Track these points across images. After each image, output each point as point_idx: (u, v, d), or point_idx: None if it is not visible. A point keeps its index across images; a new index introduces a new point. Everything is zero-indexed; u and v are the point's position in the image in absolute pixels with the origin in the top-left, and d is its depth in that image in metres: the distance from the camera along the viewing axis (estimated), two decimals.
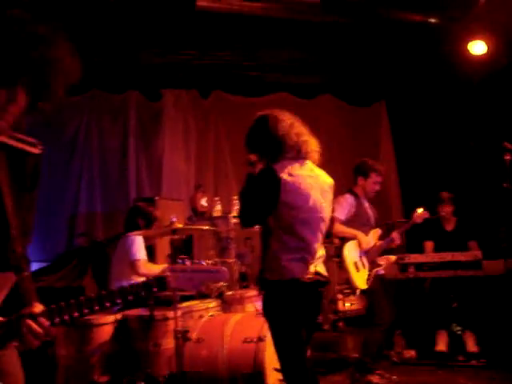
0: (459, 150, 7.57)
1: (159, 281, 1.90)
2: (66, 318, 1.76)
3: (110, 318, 4.07)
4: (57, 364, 4.03)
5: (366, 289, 4.81)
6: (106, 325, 4.03)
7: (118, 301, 1.85)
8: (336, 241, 7.34)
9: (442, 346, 5.65)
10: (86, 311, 1.78)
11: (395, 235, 4.99)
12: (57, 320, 1.75)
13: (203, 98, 8.18)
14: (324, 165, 8.28)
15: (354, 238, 4.88)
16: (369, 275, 4.82)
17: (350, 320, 7.04)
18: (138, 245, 4.78)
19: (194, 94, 8.14)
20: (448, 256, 5.61)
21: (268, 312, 3.02)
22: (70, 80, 1.80)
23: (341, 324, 7.11)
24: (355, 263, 4.82)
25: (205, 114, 8.15)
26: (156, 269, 4.74)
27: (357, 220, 4.96)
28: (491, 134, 7.00)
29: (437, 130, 7.82)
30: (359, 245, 4.87)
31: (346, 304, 7.10)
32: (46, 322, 1.72)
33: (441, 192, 6.09)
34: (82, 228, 7.22)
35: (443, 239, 6.02)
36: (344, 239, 4.90)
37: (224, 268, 1.98)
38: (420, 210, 5.13)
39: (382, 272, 5.02)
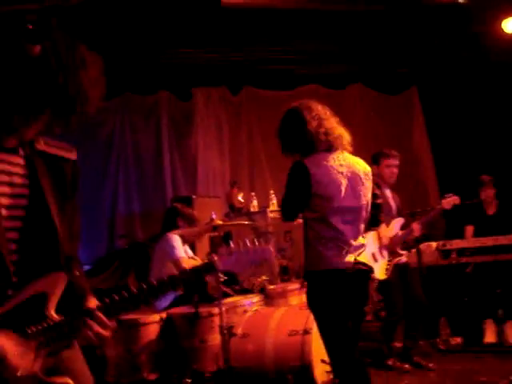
0: (495, 133, 7.43)
1: (207, 265, 1.94)
2: (122, 310, 1.79)
3: (156, 317, 4.13)
4: (106, 363, 4.10)
5: (383, 279, 4.77)
6: (152, 324, 4.10)
7: (171, 288, 1.87)
8: None
9: (490, 337, 5.54)
10: (140, 302, 1.81)
11: (415, 226, 4.88)
12: (113, 313, 1.78)
13: (233, 95, 8.20)
14: (357, 154, 8.23)
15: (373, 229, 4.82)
16: (388, 265, 4.72)
17: None
18: (176, 244, 4.83)
19: (224, 91, 8.17)
20: (490, 240, 5.51)
21: (311, 303, 3.04)
22: (95, 102, 1.80)
23: (383, 314, 7.08)
24: (373, 254, 4.70)
25: (236, 110, 8.18)
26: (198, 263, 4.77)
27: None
28: None
29: (470, 114, 7.69)
30: (378, 238, 4.81)
31: None
32: (103, 317, 1.75)
33: (481, 175, 5.97)
34: (121, 229, 7.31)
35: (485, 223, 5.90)
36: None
37: (269, 246, 2.00)
38: (448, 196, 5.02)
39: (405, 260, 4.94)
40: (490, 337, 5.54)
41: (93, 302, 1.83)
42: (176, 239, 4.87)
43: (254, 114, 8.20)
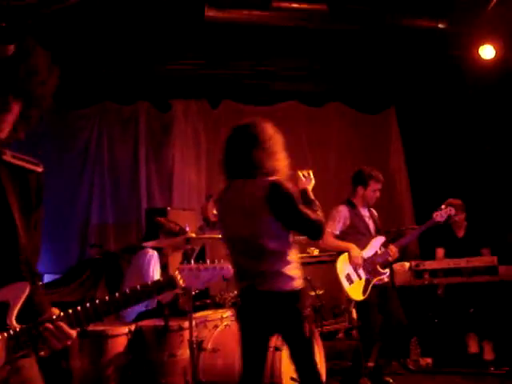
0: (469, 155, 7.53)
1: (169, 281, 1.96)
2: (84, 321, 1.81)
3: (125, 329, 4.06)
4: (71, 376, 4.01)
5: (362, 300, 4.74)
6: (120, 336, 4.02)
7: (133, 302, 1.90)
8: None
9: (474, 348, 5.56)
10: (102, 314, 1.84)
11: (392, 249, 4.85)
12: (74, 323, 1.78)
13: (213, 108, 8.19)
14: (335, 171, 8.30)
15: (346, 250, 4.82)
16: (366, 285, 4.73)
17: None
18: (154, 262, 4.78)
19: (204, 104, 8.15)
20: (463, 262, 5.56)
21: None
22: (52, 88, 1.85)
23: (354, 332, 7.08)
24: (348, 275, 4.76)
25: (215, 123, 8.16)
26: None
27: (354, 231, 4.90)
28: (502, 139, 6.97)
29: (447, 136, 7.79)
30: (349, 259, 4.79)
31: None
32: (65, 325, 1.75)
33: (452, 199, 6.01)
34: (93, 239, 7.22)
35: (455, 246, 5.96)
36: (340, 252, 4.87)
37: (228, 265, 2.08)
38: (443, 207, 4.95)
39: (386, 280, 4.91)
40: (473, 348, 5.56)
41: (54, 312, 1.82)
42: (155, 258, 4.81)
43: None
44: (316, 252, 7.09)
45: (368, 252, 4.85)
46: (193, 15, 5.95)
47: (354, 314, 7.02)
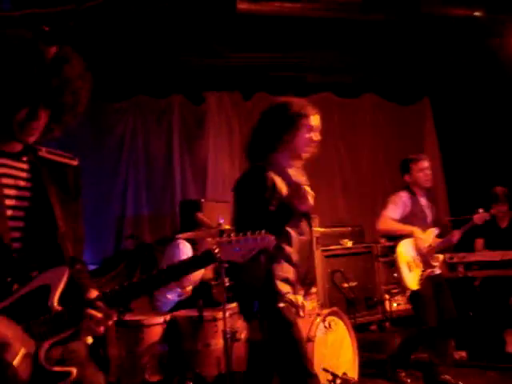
0: (507, 146, 7.39)
1: (206, 254, 1.96)
2: (124, 300, 1.89)
3: (160, 319, 4.13)
4: (109, 363, 4.11)
5: (415, 290, 4.65)
6: (155, 325, 4.09)
7: (171, 277, 1.93)
8: (382, 240, 7.29)
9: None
10: (141, 292, 1.90)
11: (457, 233, 4.72)
12: (115, 303, 1.86)
13: (245, 100, 8.22)
14: (368, 162, 8.22)
15: (410, 234, 4.66)
16: (421, 276, 4.61)
17: (396, 320, 6.99)
18: (186, 251, 4.84)
19: (237, 96, 8.19)
20: (498, 255, 5.47)
21: None
22: (85, 96, 1.91)
23: (387, 324, 7.06)
24: (408, 262, 4.61)
25: (248, 115, 8.18)
26: (199, 273, 4.75)
27: (413, 219, 4.75)
28: None
29: (483, 127, 7.66)
30: (416, 243, 4.65)
31: (393, 304, 7.06)
32: (104, 306, 1.82)
33: (494, 188, 5.87)
34: (129, 230, 7.32)
35: (497, 236, 5.83)
36: (400, 236, 4.69)
37: (270, 236, 2.03)
38: (481, 211, 4.81)
39: (439, 272, 4.79)
40: (511, 346, 5.46)
41: (93, 293, 1.90)
42: (186, 247, 4.87)
43: None
44: (349, 244, 7.09)
45: (425, 242, 4.72)
46: (225, 7, 5.97)
47: (388, 307, 7.02)
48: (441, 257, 5.68)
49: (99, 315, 1.80)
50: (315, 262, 6.66)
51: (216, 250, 1.95)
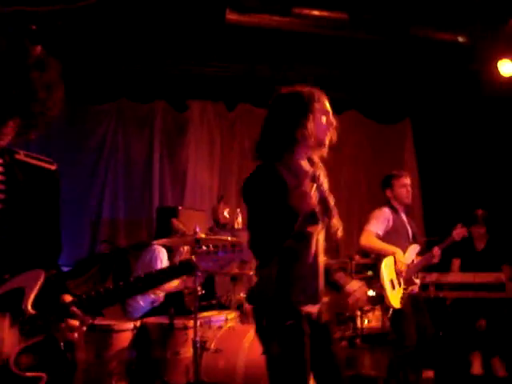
0: (484, 169, 7.51)
1: (187, 265, 1.95)
2: (98, 306, 1.85)
3: (130, 325, 4.10)
4: (75, 367, 4.06)
5: (398, 308, 4.54)
6: (125, 331, 4.06)
7: (147, 287, 1.91)
8: (356, 257, 7.33)
9: (477, 368, 5.49)
10: (116, 299, 1.88)
11: (436, 251, 4.69)
12: (89, 309, 1.82)
13: (229, 111, 8.24)
14: (347, 178, 8.26)
15: (391, 254, 4.61)
16: (403, 294, 4.57)
17: (367, 337, 7.01)
18: (163, 257, 4.82)
19: (220, 106, 8.20)
20: (470, 277, 5.53)
21: None
22: (56, 102, 1.87)
23: (358, 341, 7.08)
24: (391, 281, 4.57)
25: (230, 126, 8.21)
26: (175, 282, 4.73)
27: (396, 235, 4.72)
28: None
29: (461, 149, 7.77)
30: (395, 263, 4.60)
31: (364, 321, 7.09)
32: (79, 312, 1.79)
33: (475, 210, 5.91)
34: (104, 234, 7.28)
35: (472, 258, 5.86)
36: (380, 255, 4.66)
37: (246, 248, 2.08)
38: (459, 226, 4.85)
39: (417, 290, 4.77)
40: (476, 368, 5.49)
41: (68, 298, 1.87)
42: (163, 253, 4.86)
43: (247, 132, 8.24)
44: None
45: (407, 259, 4.69)
46: (214, 17, 6.00)
47: (359, 323, 7.05)
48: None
49: (73, 321, 1.78)
50: None
51: (194, 260, 1.95)
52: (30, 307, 1.77)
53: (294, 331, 2.44)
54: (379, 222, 4.70)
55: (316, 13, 6.13)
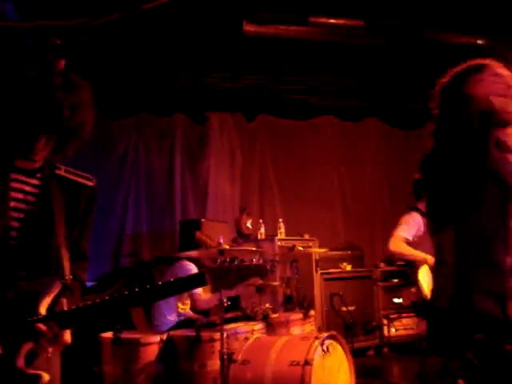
0: None
1: (201, 276, 1.91)
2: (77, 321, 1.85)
3: (157, 338, 4.09)
4: (102, 382, 4.07)
5: None
6: (152, 344, 4.05)
7: (163, 294, 1.97)
8: (381, 265, 7.26)
9: None
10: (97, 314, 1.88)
11: None
12: (65, 322, 1.82)
13: (248, 122, 8.26)
14: (369, 186, 8.21)
15: (422, 260, 4.45)
16: None
17: (394, 346, 6.93)
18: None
19: (240, 117, 8.23)
20: None
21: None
22: (90, 122, 2.02)
23: (385, 350, 7.00)
24: (430, 288, 4.52)
25: (250, 137, 8.23)
26: (211, 299, 4.72)
27: (426, 241, 4.65)
28: None
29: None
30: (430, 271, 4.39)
31: (392, 329, 7.01)
32: (54, 326, 1.78)
33: None
34: (128, 248, 7.31)
35: None
36: (412, 262, 4.55)
37: (265, 263, 1.97)
38: None
39: None
40: None
41: (43, 309, 1.85)
42: (193, 269, 4.83)
43: (267, 142, 8.25)
44: (348, 268, 7.07)
45: None
46: (231, 29, 6.03)
47: (386, 332, 6.97)
48: None
49: (47, 333, 1.77)
50: (314, 285, 6.65)
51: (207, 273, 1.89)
52: (43, 311, 1.81)
53: None
54: (409, 226, 4.63)
55: (332, 21, 6.13)
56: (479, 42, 6.25)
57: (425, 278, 4.49)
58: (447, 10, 6.04)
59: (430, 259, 4.50)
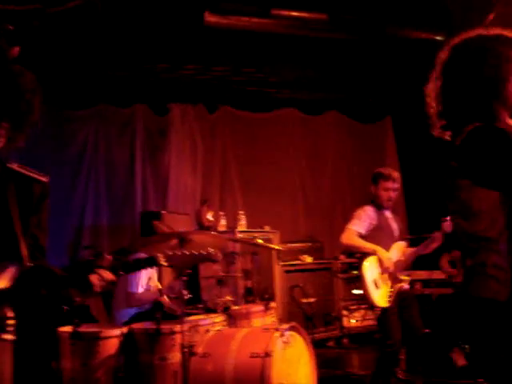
0: None
1: (150, 258, 2.21)
2: None
3: (117, 331, 4.05)
4: (61, 377, 4.01)
5: (384, 307, 4.52)
6: (112, 338, 4.00)
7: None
8: (341, 257, 7.35)
9: (461, 360, 5.49)
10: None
11: (437, 235, 4.55)
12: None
13: (210, 113, 8.22)
14: (330, 179, 8.27)
15: (373, 253, 4.59)
16: (391, 292, 4.55)
17: (354, 337, 7.04)
18: (139, 276, 4.77)
19: (201, 109, 8.18)
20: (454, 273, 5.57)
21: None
22: (38, 107, 2.00)
23: (345, 341, 7.10)
24: (375, 280, 4.54)
25: (211, 128, 8.19)
26: (145, 294, 4.78)
27: (380, 233, 4.70)
28: None
29: (442, 145, 7.82)
30: (380, 262, 4.57)
31: (351, 321, 7.11)
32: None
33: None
34: (87, 240, 7.21)
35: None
36: (363, 254, 4.63)
37: (217, 252, 2.16)
38: (448, 219, 4.86)
39: (407, 287, 4.76)
40: (460, 360, 5.48)
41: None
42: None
43: (228, 134, 8.23)
44: (309, 260, 7.13)
45: (392, 257, 4.66)
46: (193, 20, 5.98)
47: (345, 322, 7.07)
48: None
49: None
50: (275, 277, 6.68)
51: (160, 257, 2.17)
52: None
53: None
54: (361, 220, 4.70)
55: (295, 14, 6.14)
56: (438, 38, 6.35)
57: (370, 269, 4.58)
58: (407, 6, 6.12)
59: (380, 250, 4.59)
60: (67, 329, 3.93)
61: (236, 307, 4.88)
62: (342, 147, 8.70)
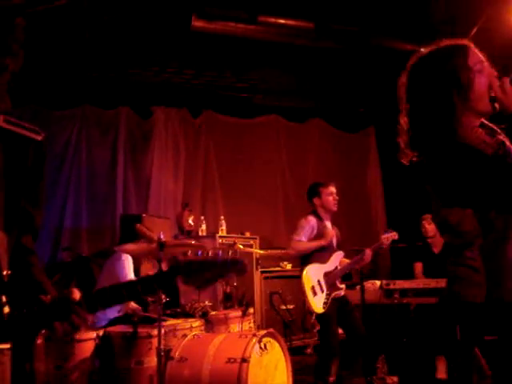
0: None
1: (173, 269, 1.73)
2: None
3: (92, 334, 4.01)
4: (34, 380, 3.95)
5: (321, 313, 4.77)
6: (87, 340, 3.96)
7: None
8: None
9: (442, 373, 5.56)
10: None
11: (368, 252, 4.96)
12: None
13: (194, 117, 8.21)
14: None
15: (318, 245, 4.88)
16: (326, 299, 4.79)
17: None
18: (127, 264, 4.76)
19: (185, 113, 8.16)
20: (432, 282, 5.61)
21: None
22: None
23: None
24: (313, 287, 4.80)
25: (195, 133, 8.18)
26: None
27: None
28: None
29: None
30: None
31: None
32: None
33: (424, 214, 6.08)
34: (66, 242, 7.14)
35: (432, 262, 5.98)
36: (305, 262, 4.91)
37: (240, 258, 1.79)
38: (389, 231, 5.18)
39: (342, 294, 4.97)
40: (441, 373, 5.54)
41: (76, 293, 1.74)
42: (128, 259, 4.78)
43: (211, 139, 8.22)
44: (289, 266, 7.13)
45: (330, 265, 4.94)
46: (179, 24, 5.98)
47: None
48: (378, 283, 5.82)
49: (83, 314, 1.70)
50: (254, 283, 6.67)
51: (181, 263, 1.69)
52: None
53: None
54: (303, 230, 4.97)
55: (282, 21, 6.17)
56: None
57: (309, 276, 4.86)
58: (394, 18, 6.18)
59: (322, 238, 4.87)
60: (41, 330, 3.88)
61: (214, 312, 4.86)
62: (324, 155, 8.73)
